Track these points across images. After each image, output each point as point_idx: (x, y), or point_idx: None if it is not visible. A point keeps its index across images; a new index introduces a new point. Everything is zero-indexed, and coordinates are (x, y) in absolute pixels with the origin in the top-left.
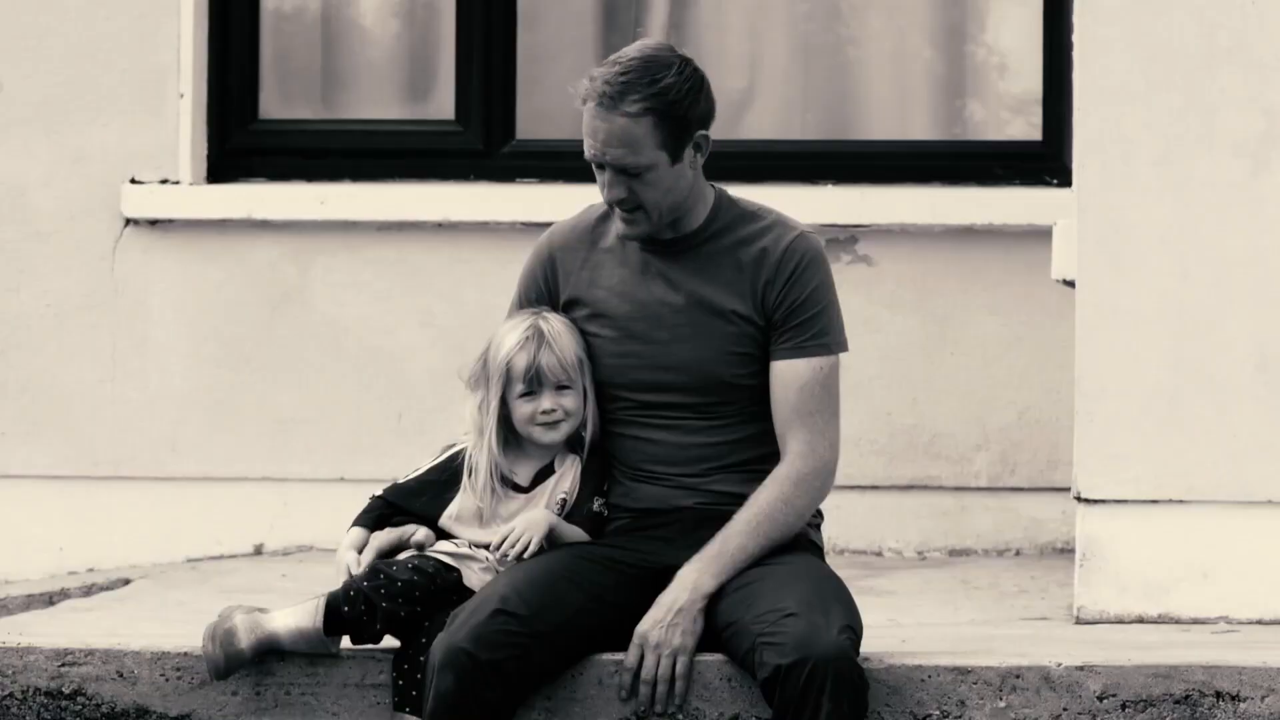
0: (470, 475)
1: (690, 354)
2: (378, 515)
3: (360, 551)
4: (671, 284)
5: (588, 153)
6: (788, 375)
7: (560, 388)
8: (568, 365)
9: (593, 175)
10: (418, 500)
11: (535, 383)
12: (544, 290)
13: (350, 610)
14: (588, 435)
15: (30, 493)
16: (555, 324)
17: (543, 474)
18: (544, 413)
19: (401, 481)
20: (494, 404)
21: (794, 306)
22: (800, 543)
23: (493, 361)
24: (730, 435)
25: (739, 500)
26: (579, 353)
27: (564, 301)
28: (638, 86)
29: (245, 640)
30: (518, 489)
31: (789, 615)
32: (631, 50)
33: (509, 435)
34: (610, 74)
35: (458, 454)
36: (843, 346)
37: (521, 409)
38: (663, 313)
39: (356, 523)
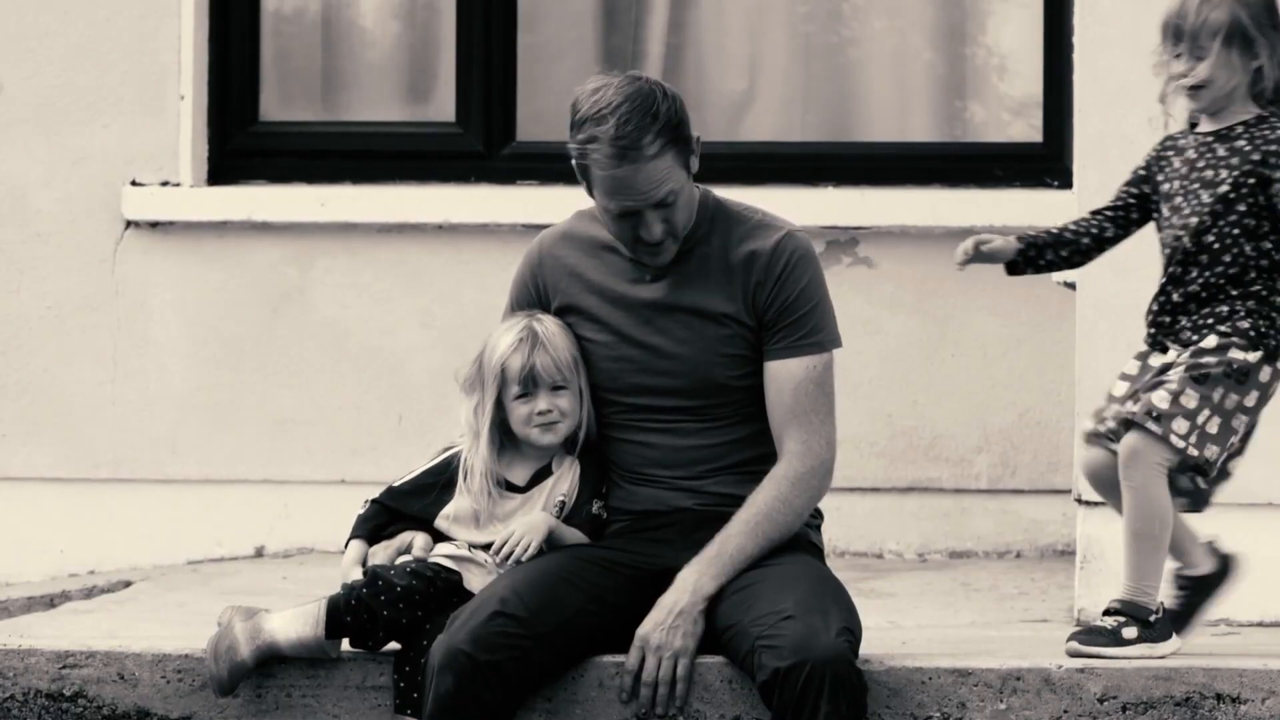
0: (466, 478)
1: (684, 357)
2: (375, 524)
3: (364, 566)
4: (663, 288)
5: (617, 209)
6: (782, 375)
7: (556, 388)
8: (562, 366)
9: None
10: (414, 503)
11: (530, 384)
12: (535, 297)
13: (353, 619)
14: (581, 435)
15: (31, 494)
16: (549, 325)
17: (540, 475)
18: (540, 414)
19: (397, 485)
20: (489, 406)
21: (785, 305)
22: (800, 544)
23: (487, 364)
24: (726, 437)
25: (737, 501)
26: (574, 354)
27: (556, 308)
28: (645, 128)
29: (246, 649)
30: (514, 489)
31: (787, 618)
32: (609, 97)
33: (505, 437)
34: (613, 129)
35: (453, 456)
36: (836, 343)
37: (518, 410)
38: (655, 317)
39: (355, 534)
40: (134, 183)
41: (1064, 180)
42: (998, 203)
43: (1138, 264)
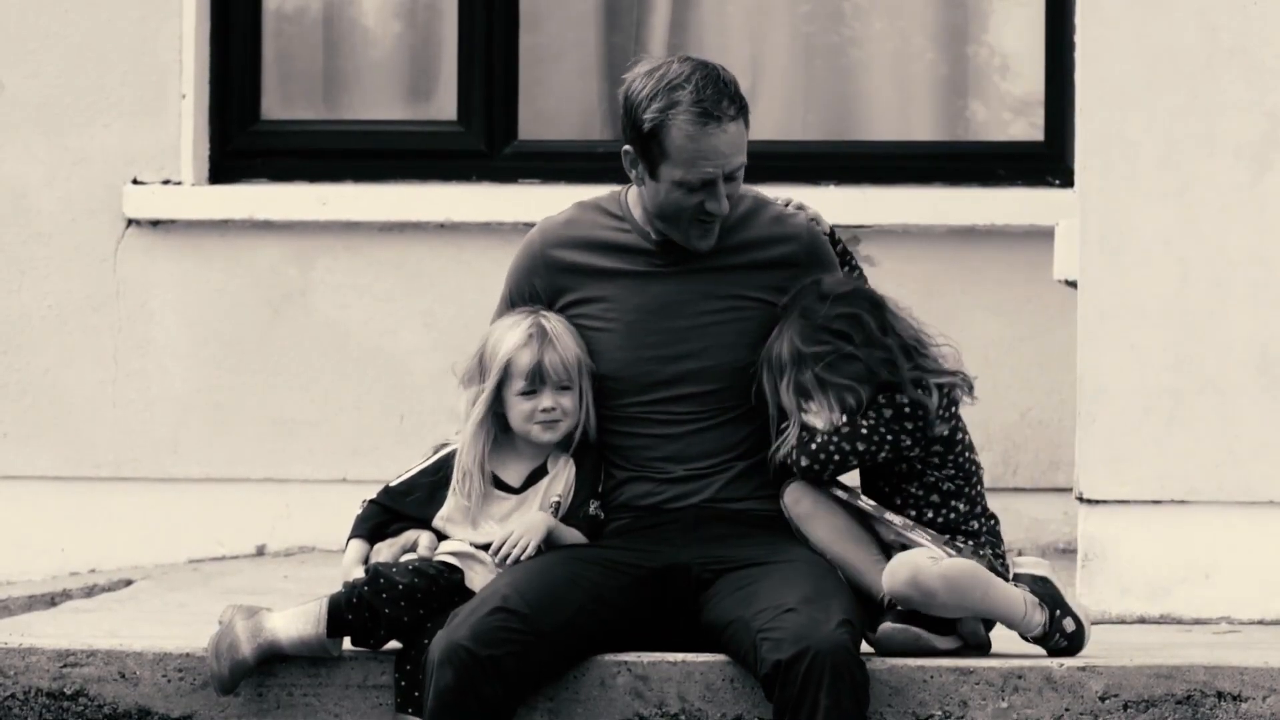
0: (458, 472)
1: (710, 340)
2: (375, 523)
3: (365, 565)
4: (685, 273)
5: (696, 178)
6: None
7: (561, 387)
8: (569, 365)
9: (594, 177)
10: (410, 502)
11: (537, 381)
12: (537, 290)
13: (354, 618)
14: (578, 435)
15: (32, 494)
16: (556, 324)
17: (535, 475)
18: (544, 411)
19: (394, 484)
20: (487, 398)
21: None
22: (801, 540)
23: (491, 358)
24: (740, 428)
25: (744, 499)
26: (579, 354)
27: (567, 301)
28: (721, 92)
29: (248, 648)
30: (508, 489)
31: (788, 611)
32: (675, 70)
33: (500, 434)
34: (693, 93)
35: (449, 455)
36: None
37: (520, 406)
38: (682, 301)
39: (355, 533)
40: (135, 181)
41: (1066, 180)
42: (999, 202)
43: (1139, 264)
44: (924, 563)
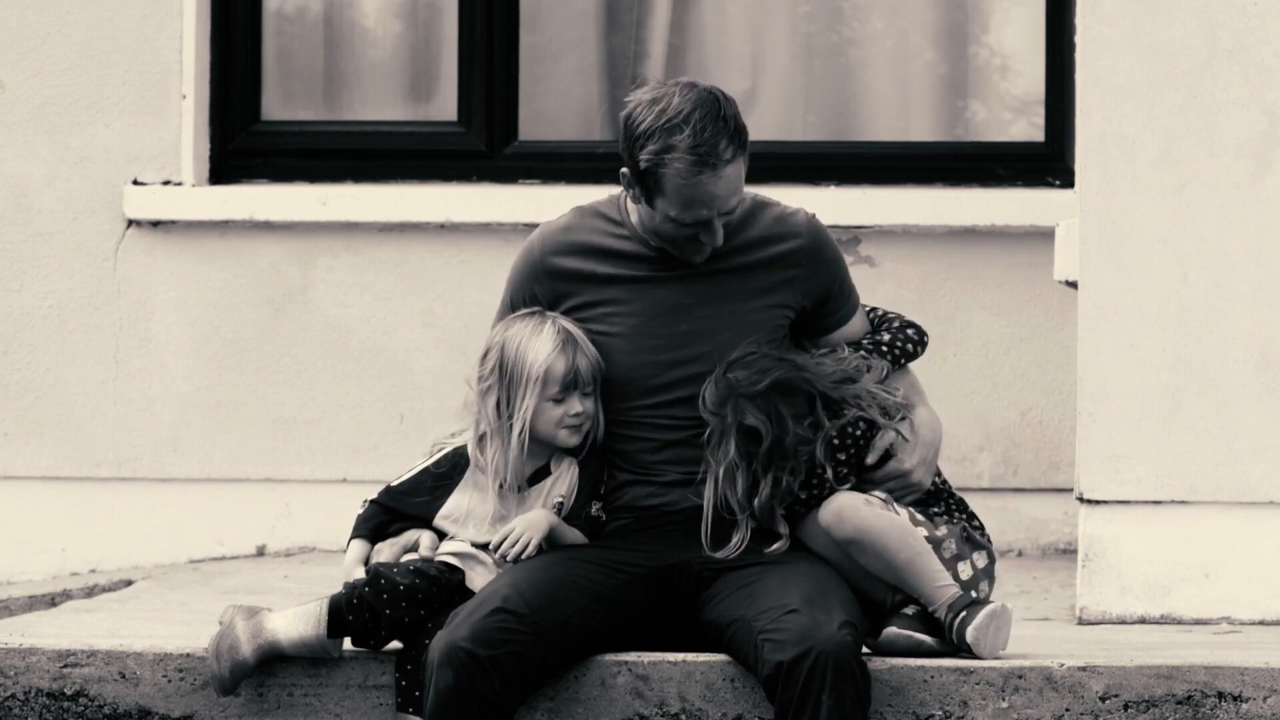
0: (493, 475)
1: (713, 343)
2: (376, 523)
3: (366, 565)
4: (684, 277)
5: (691, 219)
6: (849, 332)
7: (585, 393)
8: (596, 369)
9: (594, 177)
10: (412, 502)
11: (571, 387)
12: (538, 296)
13: (355, 619)
14: (591, 437)
15: (33, 493)
16: (574, 327)
17: (537, 475)
18: (574, 416)
19: (395, 484)
20: (529, 405)
21: (838, 280)
22: (801, 543)
23: (520, 365)
24: None
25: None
26: (598, 356)
27: (569, 306)
28: (720, 133)
29: (248, 649)
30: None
31: (791, 611)
32: (676, 105)
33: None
34: (690, 137)
35: (451, 454)
36: None
37: (551, 413)
38: (684, 304)
39: (356, 533)
40: (136, 182)
41: (1066, 180)
42: (999, 202)
43: (1139, 263)
44: (856, 500)
